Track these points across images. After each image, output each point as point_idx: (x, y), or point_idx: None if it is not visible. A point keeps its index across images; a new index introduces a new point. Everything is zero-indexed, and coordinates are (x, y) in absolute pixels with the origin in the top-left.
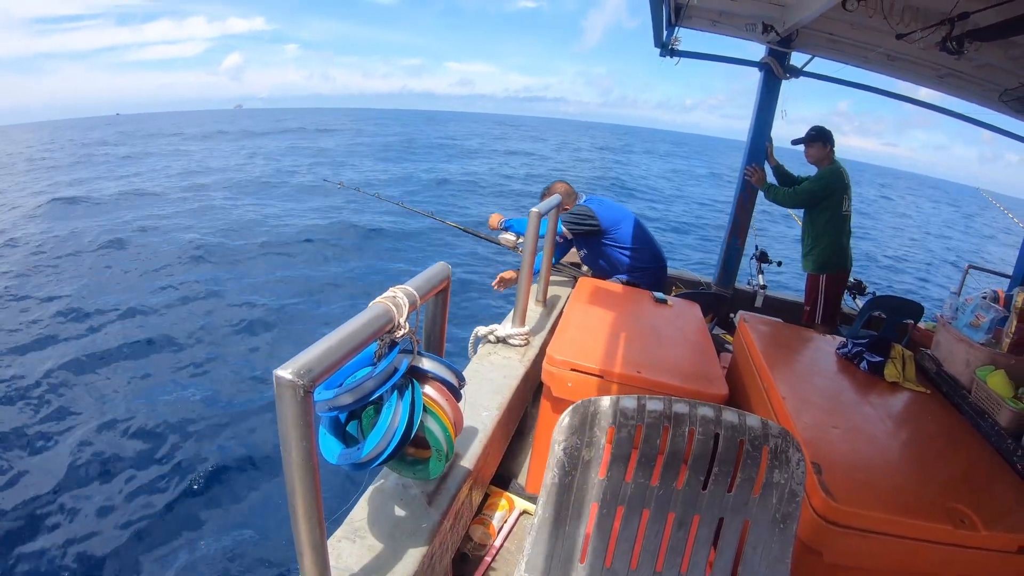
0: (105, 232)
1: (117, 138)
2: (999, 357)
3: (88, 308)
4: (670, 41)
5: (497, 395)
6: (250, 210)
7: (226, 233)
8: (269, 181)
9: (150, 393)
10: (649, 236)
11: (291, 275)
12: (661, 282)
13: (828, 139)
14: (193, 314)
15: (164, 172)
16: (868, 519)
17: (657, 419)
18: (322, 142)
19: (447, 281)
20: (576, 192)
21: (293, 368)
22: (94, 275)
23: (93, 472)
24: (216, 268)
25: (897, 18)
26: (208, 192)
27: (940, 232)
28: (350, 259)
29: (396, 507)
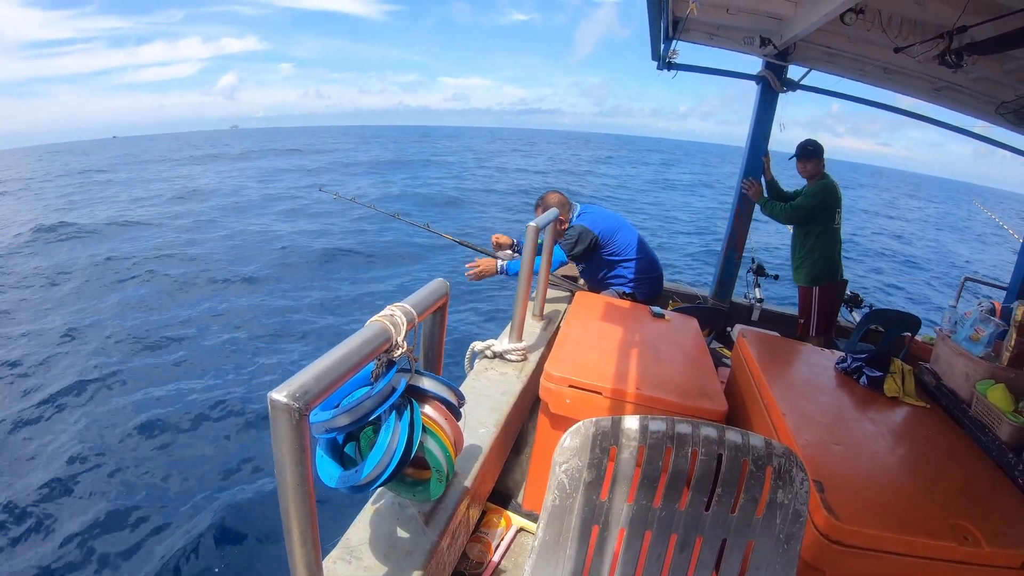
0: (93, 264)
1: (110, 164)
2: (999, 371)
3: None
4: (668, 54)
5: (494, 412)
6: (247, 231)
7: (231, 258)
8: (263, 204)
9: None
10: (644, 245)
11: (273, 300)
12: (658, 292)
13: (819, 154)
14: (196, 333)
15: (158, 199)
16: (871, 538)
17: (660, 440)
18: (315, 162)
19: (445, 298)
20: (571, 202)
21: (288, 390)
22: (80, 303)
23: (80, 489)
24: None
25: (895, 31)
26: (205, 217)
27: (934, 236)
28: (343, 277)
29: (392, 527)
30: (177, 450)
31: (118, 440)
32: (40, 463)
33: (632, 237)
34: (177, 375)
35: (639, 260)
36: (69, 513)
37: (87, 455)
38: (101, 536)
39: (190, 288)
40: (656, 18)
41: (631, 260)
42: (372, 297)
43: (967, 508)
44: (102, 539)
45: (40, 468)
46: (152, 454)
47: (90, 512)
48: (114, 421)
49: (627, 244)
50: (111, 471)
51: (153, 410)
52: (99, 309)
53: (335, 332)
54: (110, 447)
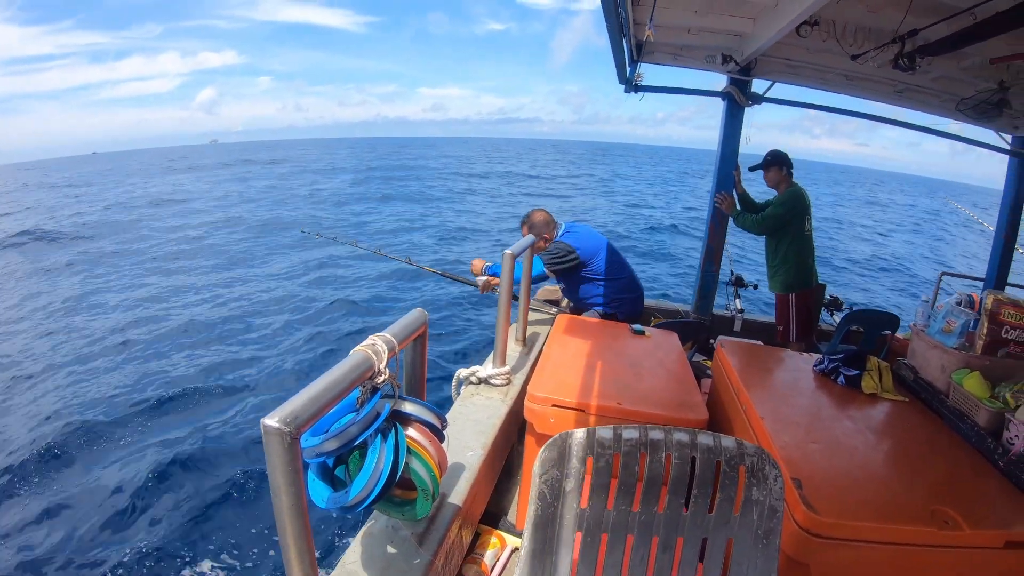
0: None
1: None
2: (973, 359)
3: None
4: (633, 77)
5: (481, 435)
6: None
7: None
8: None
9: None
10: (625, 264)
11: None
12: (639, 311)
13: (785, 162)
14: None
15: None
16: (852, 529)
17: (634, 447)
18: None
19: (424, 327)
20: (555, 221)
21: (280, 416)
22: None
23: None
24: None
25: (850, 40)
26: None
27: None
28: (318, 310)
29: (387, 548)
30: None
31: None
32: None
33: (614, 257)
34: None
35: (620, 280)
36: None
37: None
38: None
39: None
40: (619, 42)
41: (612, 280)
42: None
43: (948, 494)
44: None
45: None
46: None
47: (80, 523)
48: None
49: (609, 264)
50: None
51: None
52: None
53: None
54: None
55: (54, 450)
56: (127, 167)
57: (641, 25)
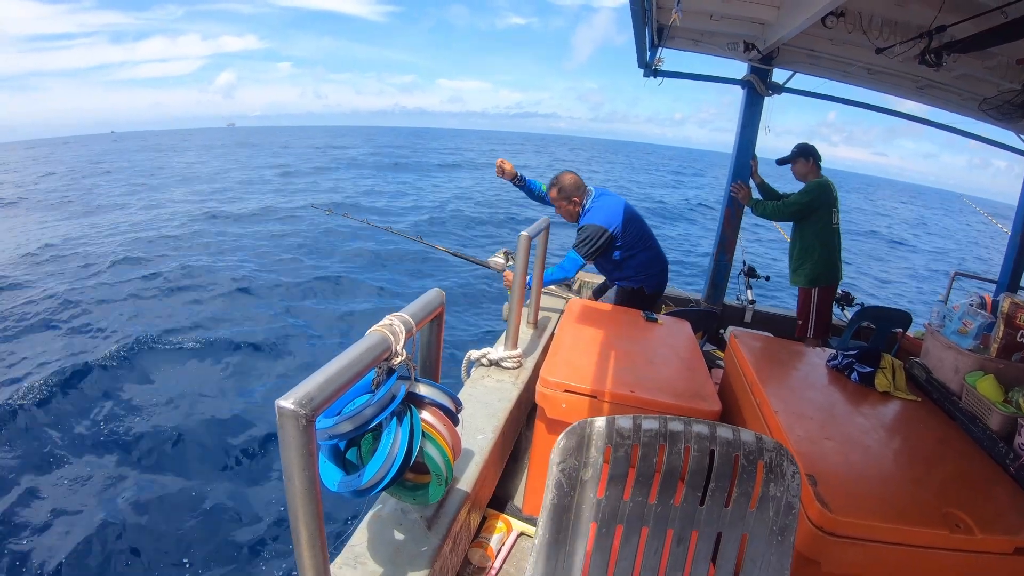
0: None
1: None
2: (987, 362)
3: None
4: (653, 61)
5: (492, 418)
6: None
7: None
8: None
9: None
10: (651, 234)
11: (268, 309)
12: (664, 284)
13: (812, 154)
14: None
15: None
16: (864, 528)
17: (653, 438)
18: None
19: (441, 307)
20: (584, 185)
21: (295, 398)
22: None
23: (90, 499)
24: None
25: (876, 32)
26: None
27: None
28: (337, 289)
29: (396, 532)
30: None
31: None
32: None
33: (641, 228)
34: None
35: (647, 251)
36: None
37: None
38: (94, 543)
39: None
40: (641, 26)
41: (639, 252)
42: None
43: (959, 497)
44: (96, 545)
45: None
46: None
47: (86, 515)
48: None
49: (637, 236)
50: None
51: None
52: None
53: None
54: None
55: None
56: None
57: (665, 9)
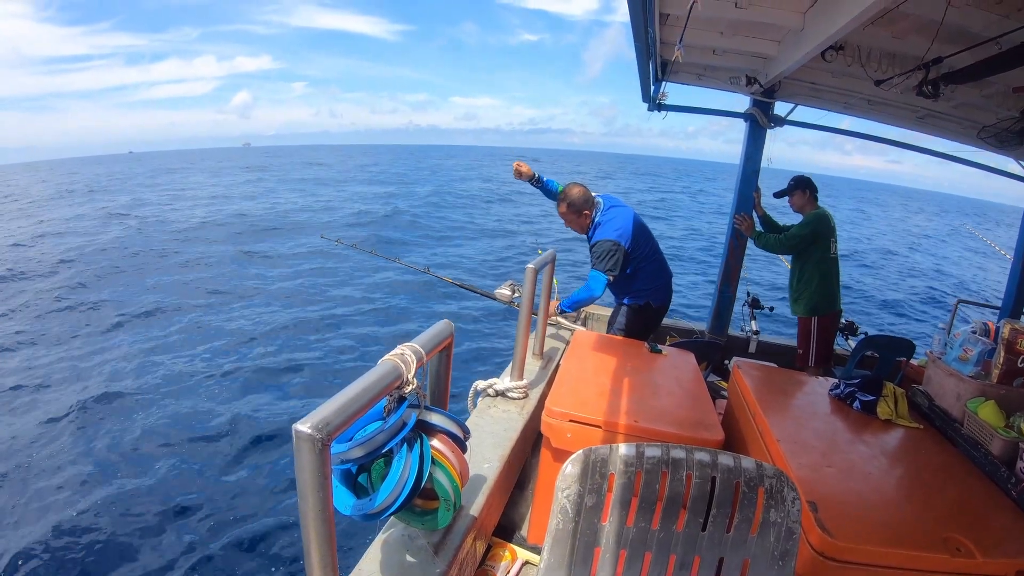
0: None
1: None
2: (989, 388)
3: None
4: (658, 96)
5: (498, 447)
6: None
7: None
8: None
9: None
10: (654, 245)
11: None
12: (669, 297)
13: (809, 186)
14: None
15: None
16: (866, 553)
17: (655, 465)
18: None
19: (451, 338)
20: (592, 197)
21: (312, 422)
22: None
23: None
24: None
25: (875, 65)
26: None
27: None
28: (345, 317)
29: (403, 557)
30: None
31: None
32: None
33: (649, 239)
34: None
35: (654, 263)
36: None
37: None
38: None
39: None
40: (645, 62)
41: (645, 265)
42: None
43: (961, 522)
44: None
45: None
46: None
47: (91, 528)
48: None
49: (644, 250)
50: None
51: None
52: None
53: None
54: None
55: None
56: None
57: (668, 45)
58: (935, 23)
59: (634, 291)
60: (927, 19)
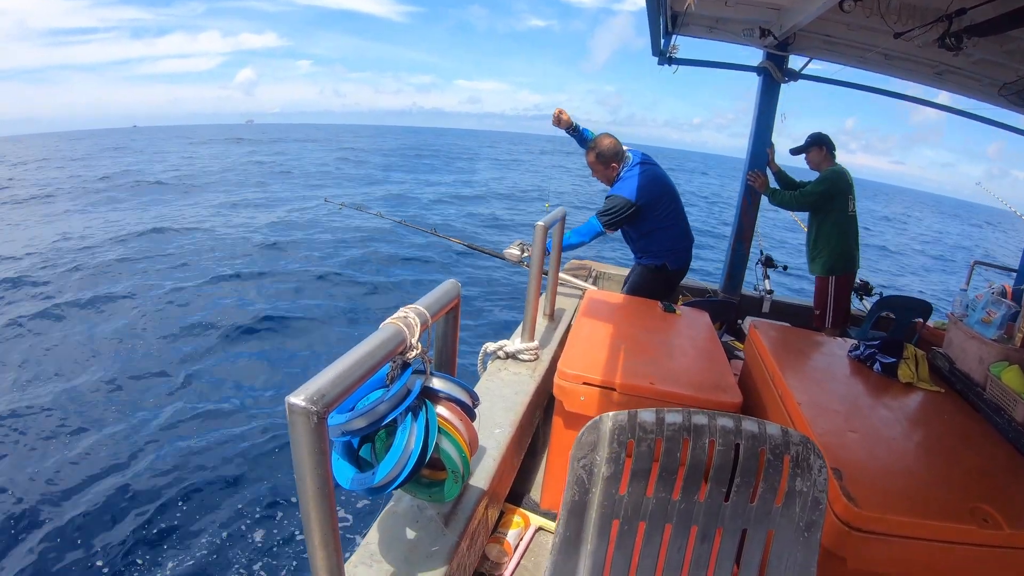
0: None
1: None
2: (1012, 352)
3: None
4: (668, 49)
5: (509, 412)
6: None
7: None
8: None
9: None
10: (681, 211)
11: (290, 300)
12: (687, 262)
13: (826, 143)
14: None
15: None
16: (891, 523)
17: (677, 432)
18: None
19: (457, 299)
20: (622, 150)
21: (306, 394)
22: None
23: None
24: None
25: (894, 17)
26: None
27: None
28: (351, 280)
29: (411, 530)
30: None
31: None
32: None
33: (672, 203)
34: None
35: (674, 228)
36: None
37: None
38: (99, 535)
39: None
40: (655, 13)
41: (666, 229)
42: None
43: (986, 491)
44: (99, 537)
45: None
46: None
47: (96, 508)
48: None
49: (666, 212)
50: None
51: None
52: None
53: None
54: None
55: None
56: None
57: None
58: None
59: (652, 251)
60: None
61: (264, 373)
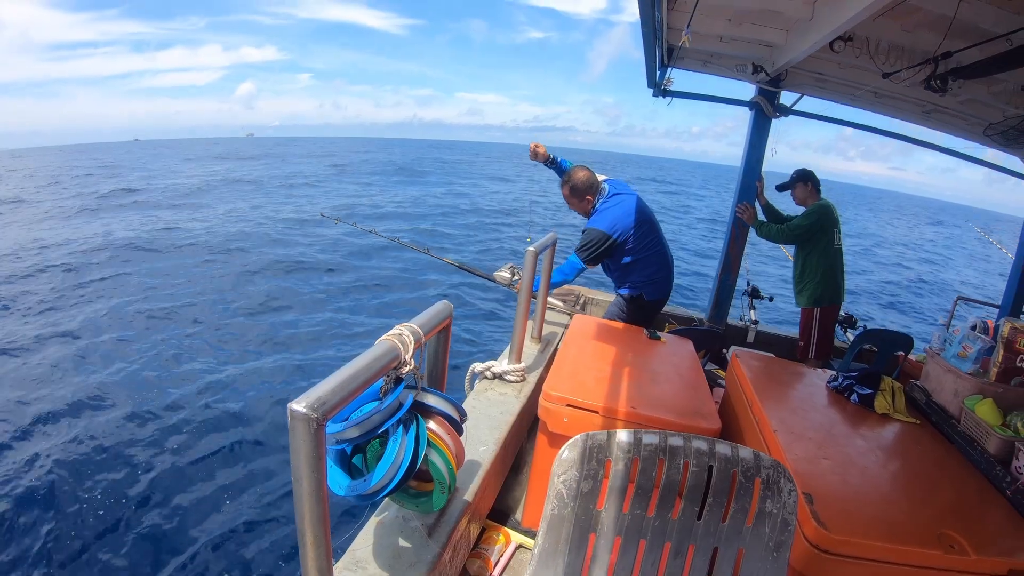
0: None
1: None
2: (987, 386)
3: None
4: (663, 81)
5: (494, 430)
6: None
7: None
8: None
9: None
10: (660, 239)
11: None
12: (667, 292)
13: (811, 179)
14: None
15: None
16: (859, 547)
17: (653, 452)
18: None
19: (449, 319)
20: (598, 181)
21: (307, 401)
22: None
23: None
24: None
25: (883, 57)
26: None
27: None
28: (342, 296)
29: (396, 539)
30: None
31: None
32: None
33: (651, 233)
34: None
35: (652, 257)
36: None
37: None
38: (100, 536)
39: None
40: (652, 46)
41: (644, 260)
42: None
43: (955, 519)
44: (100, 540)
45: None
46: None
47: (91, 512)
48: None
49: (644, 242)
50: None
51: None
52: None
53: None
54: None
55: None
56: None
57: (676, 30)
58: (946, 17)
59: (630, 282)
60: (938, 13)
61: (244, 387)
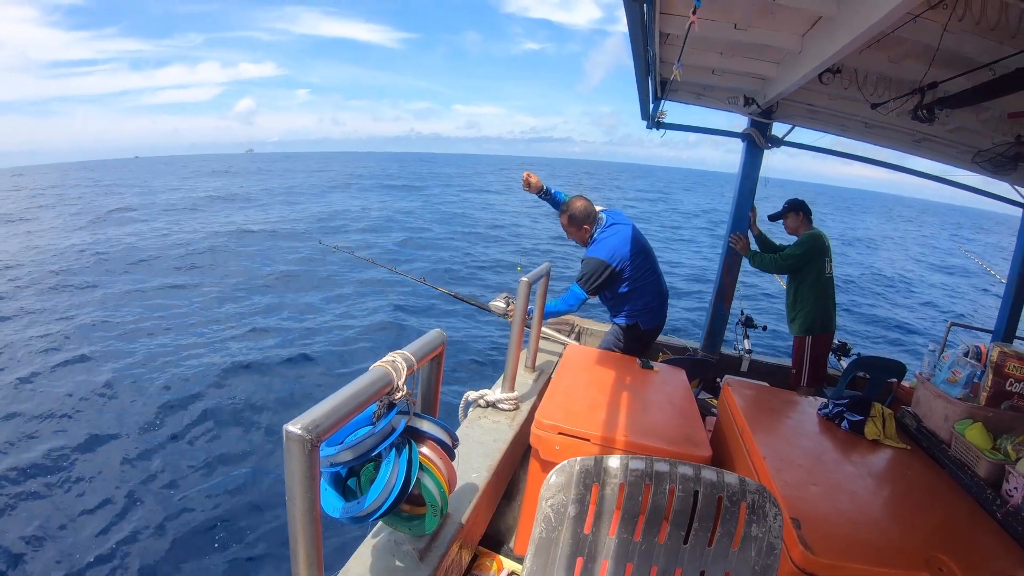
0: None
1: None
2: (976, 411)
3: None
4: (656, 114)
5: (487, 458)
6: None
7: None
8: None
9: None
10: (655, 267)
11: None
12: (662, 320)
13: (802, 208)
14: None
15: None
16: (847, 570)
17: (639, 477)
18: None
19: (442, 347)
20: (595, 211)
21: (302, 423)
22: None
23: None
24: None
25: (871, 89)
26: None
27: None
28: (336, 323)
29: (388, 562)
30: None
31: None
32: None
33: (647, 262)
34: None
35: (648, 286)
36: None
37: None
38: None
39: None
40: (644, 80)
41: (640, 289)
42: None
43: (946, 542)
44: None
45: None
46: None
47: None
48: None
49: (641, 271)
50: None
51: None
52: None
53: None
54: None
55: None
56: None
57: (668, 64)
58: (931, 48)
59: (626, 311)
60: (923, 44)
61: (238, 414)
